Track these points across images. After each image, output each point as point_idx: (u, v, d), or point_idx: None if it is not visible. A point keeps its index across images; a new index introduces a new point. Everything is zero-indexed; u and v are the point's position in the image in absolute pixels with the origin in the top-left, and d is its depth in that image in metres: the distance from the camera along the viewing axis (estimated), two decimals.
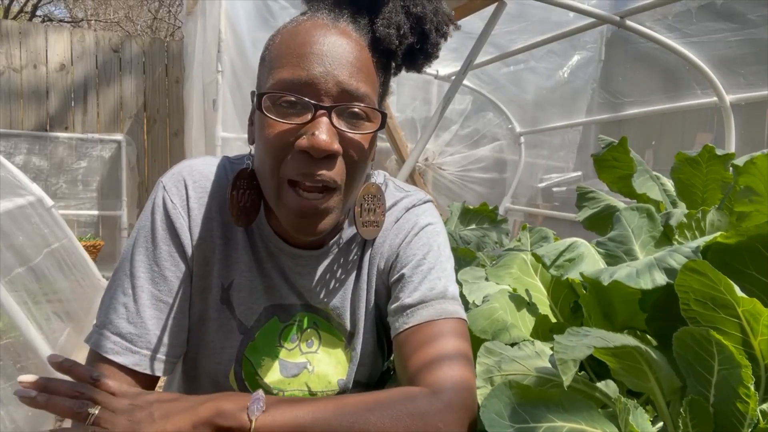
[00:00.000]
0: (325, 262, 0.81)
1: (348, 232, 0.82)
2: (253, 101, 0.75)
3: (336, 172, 0.67)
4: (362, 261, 0.82)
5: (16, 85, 4.43)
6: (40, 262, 2.28)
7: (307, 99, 0.64)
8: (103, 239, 4.48)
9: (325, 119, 0.65)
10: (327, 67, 0.65)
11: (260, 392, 0.63)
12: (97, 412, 0.60)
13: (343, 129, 0.66)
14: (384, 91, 0.75)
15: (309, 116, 0.65)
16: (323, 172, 0.65)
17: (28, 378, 0.61)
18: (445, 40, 0.75)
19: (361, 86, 0.67)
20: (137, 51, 4.79)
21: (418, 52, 0.74)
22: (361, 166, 0.70)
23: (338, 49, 0.66)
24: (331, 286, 0.81)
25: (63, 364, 0.63)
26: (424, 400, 0.64)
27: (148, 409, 0.61)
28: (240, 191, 0.74)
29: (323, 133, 0.64)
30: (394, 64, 0.75)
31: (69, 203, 4.52)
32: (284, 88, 0.65)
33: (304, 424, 0.60)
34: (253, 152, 0.76)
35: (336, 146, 0.65)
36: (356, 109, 0.67)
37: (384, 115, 0.70)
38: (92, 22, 9.84)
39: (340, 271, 0.82)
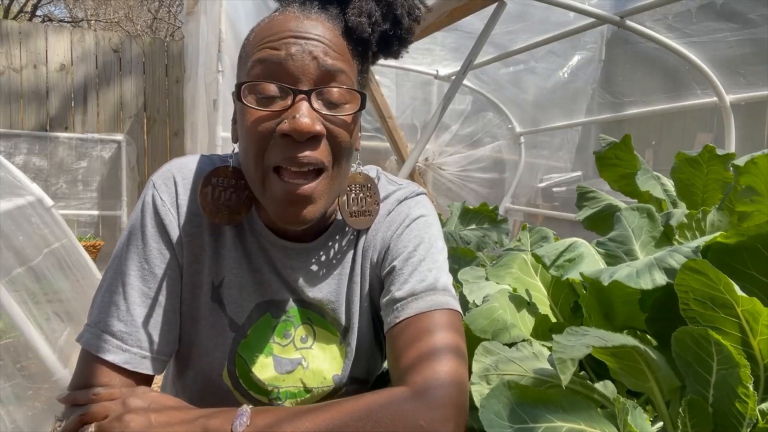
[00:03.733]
0: (318, 256, 0.80)
1: (340, 224, 0.82)
2: (233, 101, 0.75)
3: (321, 153, 0.67)
4: (355, 254, 0.82)
5: (16, 85, 4.43)
6: (40, 262, 2.28)
7: (285, 85, 0.65)
8: (103, 239, 4.47)
9: (304, 103, 0.65)
10: (303, 46, 0.66)
11: (245, 407, 0.63)
12: (93, 429, 0.63)
13: (324, 112, 0.67)
14: (363, 78, 0.75)
15: (288, 102, 0.65)
16: (308, 153, 0.65)
17: None
18: (418, 23, 0.75)
19: (337, 63, 0.67)
20: (137, 51, 4.79)
21: (392, 38, 0.74)
22: (345, 147, 0.70)
23: (312, 33, 0.67)
24: (325, 280, 0.81)
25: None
26: (405, 402, 0.63)
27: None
28: (219, 189, 0.74)
29: (304, 115, 0.64)
30: (370, 52, 0.75)
31: (69, 203, 4.52)
32: (262, 70, 0.66)
33: None
34: (236, 150, 0.76)
35: (318, 127, 0.65)
36: (335, 91, 0.67)
37: (363, 95, 0.70)
38: (92, 22, 9.84)
39: (333, 264, 0.81)
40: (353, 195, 0.79)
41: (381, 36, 0.72)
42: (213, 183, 0.74)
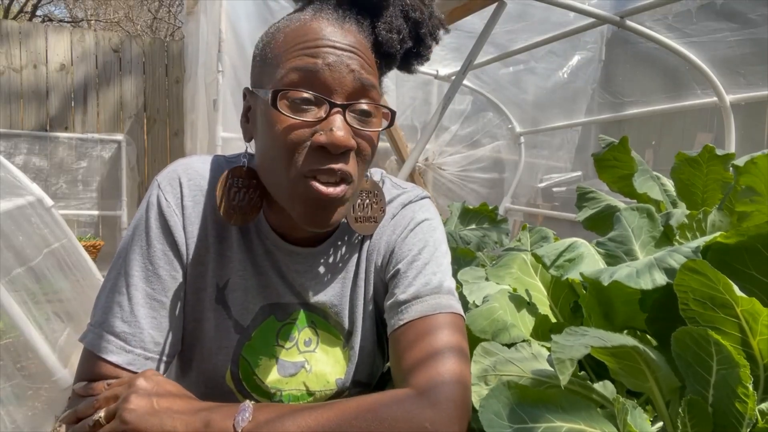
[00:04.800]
0: (323, 260, 0.81)
1: (345, 229, 0.82)
2: (245, 99, 0.75)
3: (351, 166, 0.68)
4: (360, 258, 0.82)
5: (16, 85, 4.43)
6: (40, 262, 2.28)
7: (323, 96, 0.66)
8: (103, 239, 4.48)
9: (339, 116, 0.66)
10: (340, 57, 0.66)
11: (247, 402, 0.63)
12: (102, 413, 0.63)
13: (356, 126, 0.68)
14: (380, 90, 0.76)
15: (323, 113, 0.66)
16: (341, 165, 0.66)
17: None
18: (437, 43, 0.77)
19: (371, 77, 0.68)
20: (137, 51, 4.79)
21: (413, 56, 0.76)
22: (369, 160, 0.72)
23: (347, 45, 0.67)
24: (329, 284, 0.81)
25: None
26: (409, 402, 0.63)
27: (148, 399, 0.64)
28: (233, 189, 0.74)
29: (340, 129, 0.65)
30: (390, 66, 0.77)
31: (69, 203, 4.53)
32: (298, 77, 0.66)
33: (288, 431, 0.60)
34: (250, 150, 0.76)
35: (352, 142, 0.66)
36: (366, 107, 0.68)
37: (393, 113, 0.72)
38: (92, 22, 9.84)
39: (337, 268, 0.82)
40: (359, 201, 0.79)
41: (405, 53, 0.74)
42: (229, 184, 0.74)
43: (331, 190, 0.67)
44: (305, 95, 0.66)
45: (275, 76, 0.68)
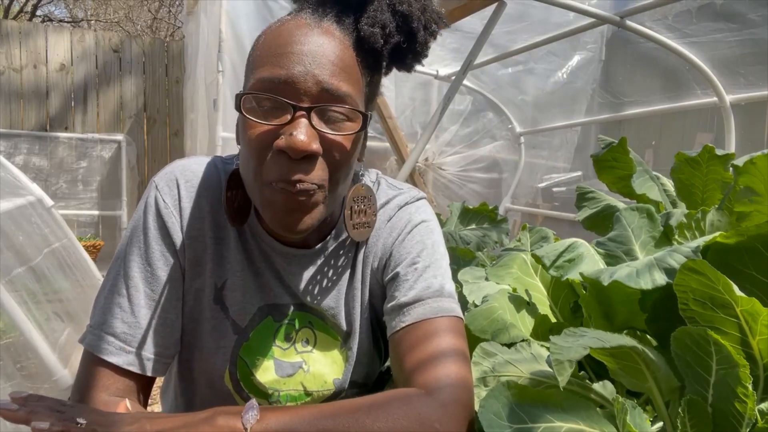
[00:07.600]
0: (318, 262, 0.80)
1: (341, 231, 0.81)
2: None
3: (316, 175, 0.66)
4: (356, 260, 0.82)
5: (17, 85, 4.43)
6: (40, 262, 2.27)
7: (285, 100, 0.64)
8: (103, 239, 4.48)
9: (303, 120, 0.64)
10: (307, 66, 0.64)
11: (253, 401, 0.62)
12: (85, 422, 0.57)
13: (323, 130, 0.65)
14: (372, 90, 0.74)
15: (288, 117, 0.64)
16: (302, 176, 0.64)
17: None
18: (434, 38, 0.73)
19: (342, 85, 0.65)
20: (137, 51, 4.80)
21: (406, 51, 0.72)
22: (344, 166, 0.69)
23: (319, 48, 0.65)
24: (325, 286, 0.81)
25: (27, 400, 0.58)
26: (419, 401, 0.63)
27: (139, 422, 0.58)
28: (233, 192, 0.75)
29: (301, 133, 0.63)
30: (382, 63, 0.74)
31: (69, 203, 4.53)
32: (264, 88, 0.64)
33: (299, 430, 0.59)
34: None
35: (315, 146, 0.64)
36: (336, 110, 0.66)
37: (365, 117, 0.69)
38: (92, 22, 9.84)
39: (333, 270, 0.81)
40: (356, 207, 0.78)
41: (394, 48, 0.70)
42: (231, 186, 0.74)
43: (299, 197, 0.65)
44: (268, 99, 0.64)
45: (248, 82, 0.67)
